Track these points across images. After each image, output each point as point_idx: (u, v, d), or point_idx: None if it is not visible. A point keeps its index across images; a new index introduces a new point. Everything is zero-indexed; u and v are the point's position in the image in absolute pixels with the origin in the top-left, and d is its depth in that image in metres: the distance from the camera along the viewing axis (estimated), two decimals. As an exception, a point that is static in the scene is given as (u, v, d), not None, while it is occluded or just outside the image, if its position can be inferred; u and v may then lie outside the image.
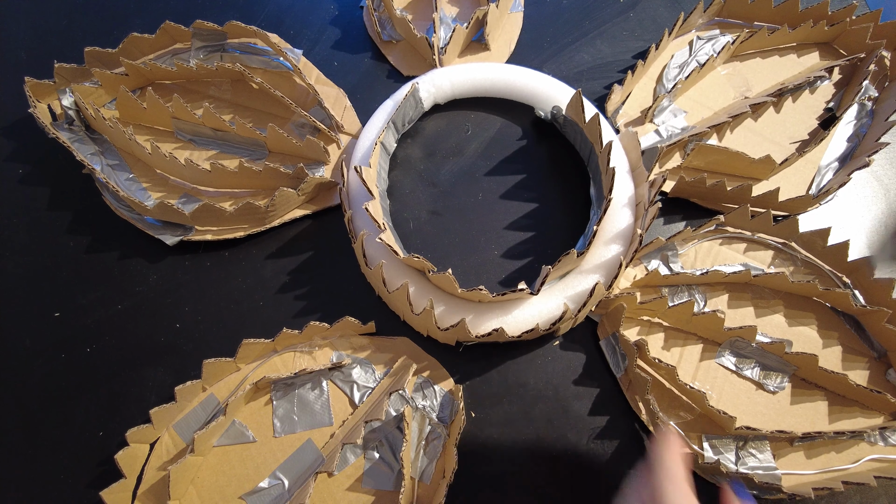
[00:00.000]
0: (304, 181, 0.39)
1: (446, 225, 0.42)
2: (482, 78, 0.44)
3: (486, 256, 0.41)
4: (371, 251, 0.37)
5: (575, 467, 0.35)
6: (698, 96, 0.46)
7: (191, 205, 0.40)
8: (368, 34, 0.50)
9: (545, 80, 0.44)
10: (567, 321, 0.36)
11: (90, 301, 0.39)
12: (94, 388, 0.37)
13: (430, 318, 0.35)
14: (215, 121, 0.41)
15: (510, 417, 0.36)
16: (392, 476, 0.34)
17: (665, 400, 0.36)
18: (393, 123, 0.42)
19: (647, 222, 0.36)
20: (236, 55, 0.46)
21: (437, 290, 0.36)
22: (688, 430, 0.35)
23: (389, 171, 0.43)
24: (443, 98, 0.45)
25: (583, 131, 0.41)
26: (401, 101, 0.41)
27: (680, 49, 0.48)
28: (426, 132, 0.45)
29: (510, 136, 0.45)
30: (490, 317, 0.35)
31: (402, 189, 0.43)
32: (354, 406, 0.36)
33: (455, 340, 0.37)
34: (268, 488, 0.34)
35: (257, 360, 0.37)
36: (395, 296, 0.36)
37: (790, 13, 0.47)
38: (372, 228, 0.37)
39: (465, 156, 0.44)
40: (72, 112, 0.42)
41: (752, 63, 0.48)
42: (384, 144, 0.41)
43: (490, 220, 0.42)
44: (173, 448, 0.34)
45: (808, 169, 0.43)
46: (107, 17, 0.51)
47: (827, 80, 0.47)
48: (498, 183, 0.43)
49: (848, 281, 0.39)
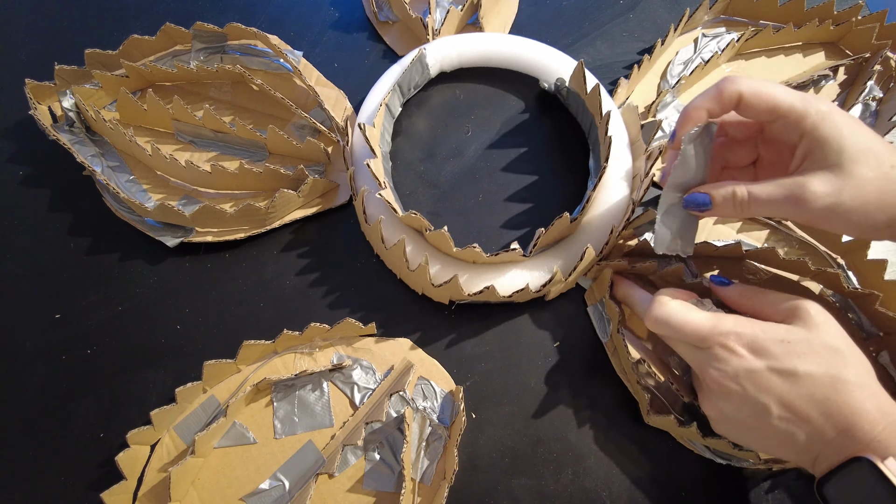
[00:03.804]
0: (305, 182, 0.40)
1: (445, 198, 0.43)
2: (489, 48, 0.45)
3: (484, 225, 0.42)
4: (371, 209, 0.38)
5: (576, 468, 0.35)
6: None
7: (191, 206, 0.40)
8: (368, 32, 0.50)
9: (550, 52, 0.45)
10: (557, 284, 0.37)
11: (91, 303, 0.39)
12: (95, 390, 0.37)
13: (425, 275, 0.35)
14: (216, 122, 0.41)
15: (511, 418, 0.36)
16: (393, 477, 0.34)
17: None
18: (399, 87, 0.42)
19: (642, 193, 0.37)
20: (236, 57, 0.46)
21: (433, 250, 0.38)
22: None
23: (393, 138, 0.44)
24: (449, 66, 0.45)
25: (584, 103, 0.41)
26: (407, 65, 0.42)
27: (685, 46, 0.48)
28: (431, 102, 0.46)
29: (514, 109, 0.46)
30: (483, 279, 0.36)
31: (404, 157, 0.44)
32: (355, 407, 0.36)
33: (448, 300, 0.38)
34: (269, 490, 0.34)
35: (258, 362, 0.37)
36: (392, 252, 0.37)
37: (796, 12, 0.47)
38: (373, 186, 0.38)
39: (469, 130, 0.45)
40: (72, 114, 0.42)
41: (756, 62, 0.48)
42: (389, 107, 0.42)
43: (490, 192, 0.43)
44: (174, 449, 0.34)
45: None
46: (107, 18, 0.51)
47: (832, 80, 0.47)
48: (500, 155, 0.44)
49: (843, 262, 0.39)
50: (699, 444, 0.35)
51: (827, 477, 0.25)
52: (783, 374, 0.26)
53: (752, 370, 0.27)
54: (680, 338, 0.29)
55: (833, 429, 0.25)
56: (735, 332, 0.28)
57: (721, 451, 0.34)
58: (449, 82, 0.47)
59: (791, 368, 0.26)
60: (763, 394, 0.27)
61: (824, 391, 0.25)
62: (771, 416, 0.27)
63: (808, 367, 0.26)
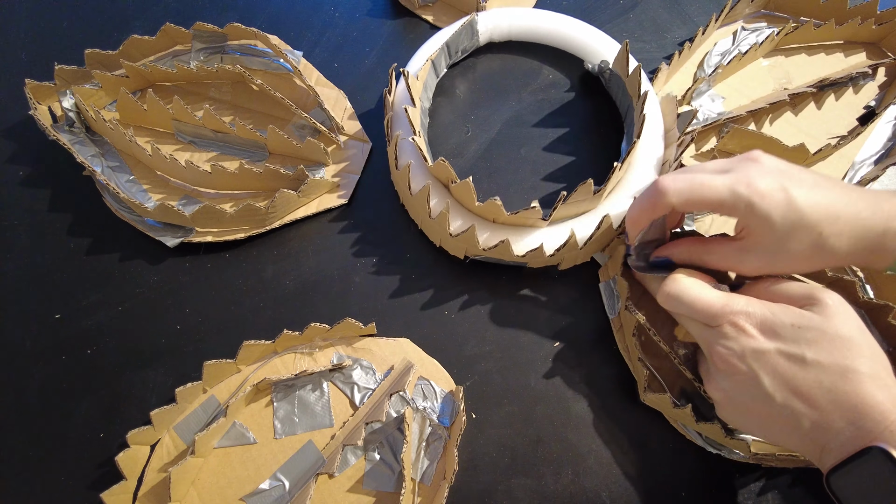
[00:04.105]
0: (305, 183, 0.40)
1: (472, 166, 0.44)
2: (540, 23, 0.46)
3: (509, 195, 0.42)
4: (403, 156, 0.39)
5: (576, 468, 0.35)
6: (738, 84, 0.47)
7: (191, 206, 0.40)
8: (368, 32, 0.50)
9: (599, 35, 0.45)
10: (572, 250, 0.37)
11: (91, 303, 0.40)
12: (95, 390, 0.37)
13: (445, 223, 0.36)
14: (216, 122, 0.41)
15: (511, 418, 0.36)
16: (393, 477, 0.34)
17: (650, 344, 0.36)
18: (447, 46, 0.43)
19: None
20: (236, 57, 0.46)
21: (456, 205, 0.38)
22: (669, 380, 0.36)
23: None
24: (499, 36, 0.46)
25: (625, 85, 0.42)
26: (458, 28, 0.43)
27: (723, 38, 0.48)
28: (477, 72, 0.47)
29: (558, 87, 0.47)
30: (500, 237, 0.37)
31: (441, 120, 0.45)
32: (355, 407, 0.36)
33: (464, 254, 0.39)
34: (268, 490, 0.34)
35: (258, 362, 0.37)
36: (417, 199, 0.38)
37: (838, 10, 0.47)
38: (408, 132, 0.39)
39: (513, 104, 0.46)
40: (72, 114, 0.42)
41: (796, 59, 0.48)
42: (434, 64, 0.43)
43: (519, 166, 0.44)
44: (174, 450, 0.34)
45: (842, 164, 0.43)
46: (107, 19, 0.51)
47: (871, 80, 0.47)
48: (534, 131, 0.45)
49: (861, 275, 0.39)
50: (692, 429, 0.35)
51: (836, 468, 0.25)
52: (791, 358, 0.26)
53: (760, 350, 0.27)
54: (691, 314, 0.29)
55: (842, 419, 0.25)
56: (746, 311, 0.28)
57: (713, 440, 0.34)
58: (497, 53, 0.48)
59: (800, 354, 0.26)
60: (769, 376, 0.26)
61: (833, 380, 0.25)
62: (775, 401, 0.26)
63: (818, 355, 0.26)
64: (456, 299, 0.39)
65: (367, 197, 0.43)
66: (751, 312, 0.28)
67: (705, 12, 0.51)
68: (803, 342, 0.26)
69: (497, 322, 0.39)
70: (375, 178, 0.44)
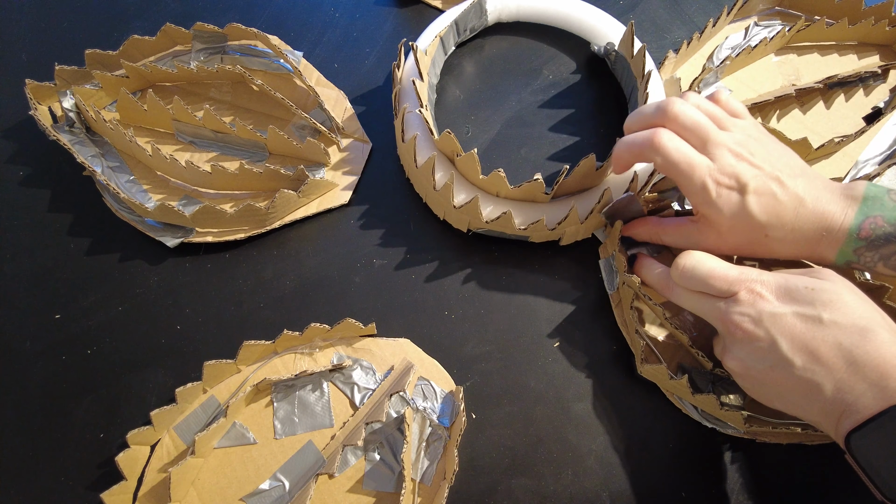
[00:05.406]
0: (305, 182, 0.40)
1: (477, 144, 0.44)
2: (548, 5, 0.46)
3: (513, 174, 0.43)
4: (409, 129, 0.40)
5: (576, 468, 0.35)
6: (746, 78, 0.47)
7: (191, 207, 0.40)
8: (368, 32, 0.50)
9: (606, 18, 0.46)
10: (572, 225, 0.38)
11: (91, 303, 0.39)
12: (95, 390, 0.37)
13: (449, 194, 0.37)
14: (216, 123, 0.41)
15: (511, 419, 0.36)
16: (393, 478, 0.34)
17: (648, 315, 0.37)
18: (456, 24, 0.44)
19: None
20: (237, 57, 0.46)
21: (461, 179, 0.39)
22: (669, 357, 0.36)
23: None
24: (507, 16, 0.47)
25: (630, 66, 0.42)
26: (467, 6, 0.43)
27: (735, 33, 0.48)
28: (484, 53, 0.48)
29: (564, 69, 0.47)
30: (503, 209, 0.37)
31: (446, 98, 0.46)
32: (355, 408, 0.36)
33: (467, 227, 0.40)
34: (268, 490, 0.34)
35: (258, 362, 0.37)
36: (422, 171, 0.38)
37: (853, 9, 0.47)
38: (415, 105, 0.40)
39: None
40: (72, 114, 0.42)
41: (808, 57, 0.48)
42: (443, 41, 0.44)
43: (523, 146, 0.44)
44: (174, 450, 0.34)
45: (845, 162, 0.43)
46: (107, 19, 0.51)
47: (882, 82, 0.46)
48: (540, 113, 0.45)
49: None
50: (688, 402, 0.35)
51: (857, 429, 0.24)
52: (809, 320, 0.26)
53: (776, 314, 0.27)
54: (706, 286, 0.29)
55: (863, 381, 0.24)
56: (761, 279, 0.28)
57: (708, 413, 0.34)
58: (505, 34, 0.48)
59: (816, 314, 0.26)
60: (786, 339, 0.26)
61: (852, 340, 0.25)
62: (794, 366, 0.26)
63: (834, 315, 0.26)
64: (456, 299, 0.39)
65: (367, 197, 0.43)
66: (765, 280, 0.28)
67: (705, 13, 0.51)
68: (819, 303, 0.26)
69: (497, 322, 0.39)
70: (375, 179, 0.44)
